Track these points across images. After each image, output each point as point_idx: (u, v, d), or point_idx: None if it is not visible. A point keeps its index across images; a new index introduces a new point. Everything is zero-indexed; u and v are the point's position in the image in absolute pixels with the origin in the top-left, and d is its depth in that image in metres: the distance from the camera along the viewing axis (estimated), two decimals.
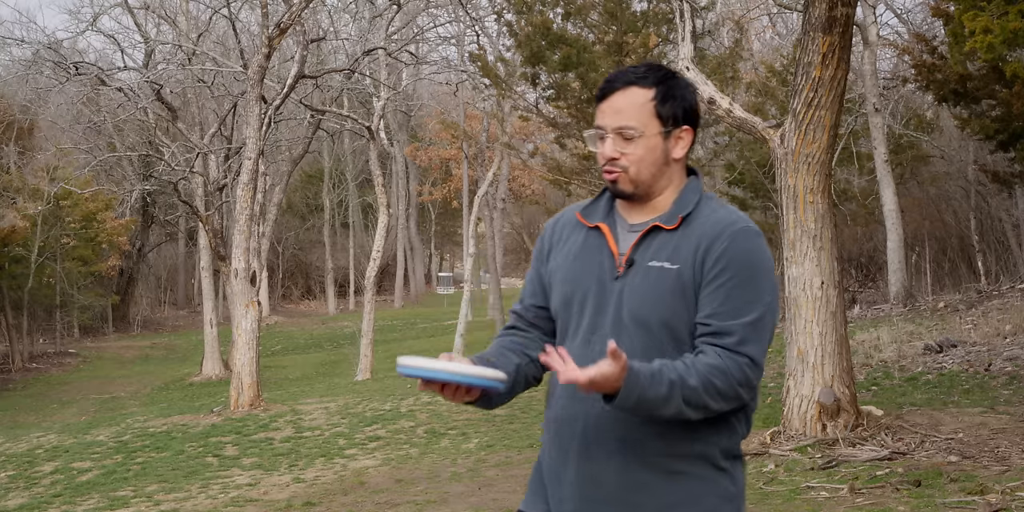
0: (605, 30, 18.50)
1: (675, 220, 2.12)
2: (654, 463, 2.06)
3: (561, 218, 2.30)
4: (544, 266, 2.25)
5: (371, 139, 18.55)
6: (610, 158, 2.12)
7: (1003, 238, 20.17)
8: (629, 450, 2.06)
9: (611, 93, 2.12)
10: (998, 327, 12.26)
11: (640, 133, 2.10)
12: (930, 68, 14.73)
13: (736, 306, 2.05)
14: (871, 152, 19.17)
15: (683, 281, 2.07)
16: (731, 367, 2.01)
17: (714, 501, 2.09)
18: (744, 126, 8.18)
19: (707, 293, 2.06)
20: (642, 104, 2.11)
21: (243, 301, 12.50)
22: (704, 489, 2.08)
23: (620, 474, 2.07)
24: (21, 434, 12.66)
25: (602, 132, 2.13)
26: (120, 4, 20.45)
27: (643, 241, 2.12)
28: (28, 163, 26.92)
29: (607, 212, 2.21)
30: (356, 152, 39.28)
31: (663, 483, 2.07)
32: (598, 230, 2.18)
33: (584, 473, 2.09)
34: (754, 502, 5.87)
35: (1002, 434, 6.89)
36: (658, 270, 2.08)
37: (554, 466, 2.16)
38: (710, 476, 2.09)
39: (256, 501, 7.33)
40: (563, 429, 2.13)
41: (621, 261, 2.12)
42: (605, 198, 2.24)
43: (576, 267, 2.17)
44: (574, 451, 2.11)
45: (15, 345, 25.08)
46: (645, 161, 2.12)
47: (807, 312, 7.33)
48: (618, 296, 2.10)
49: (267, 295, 33.82)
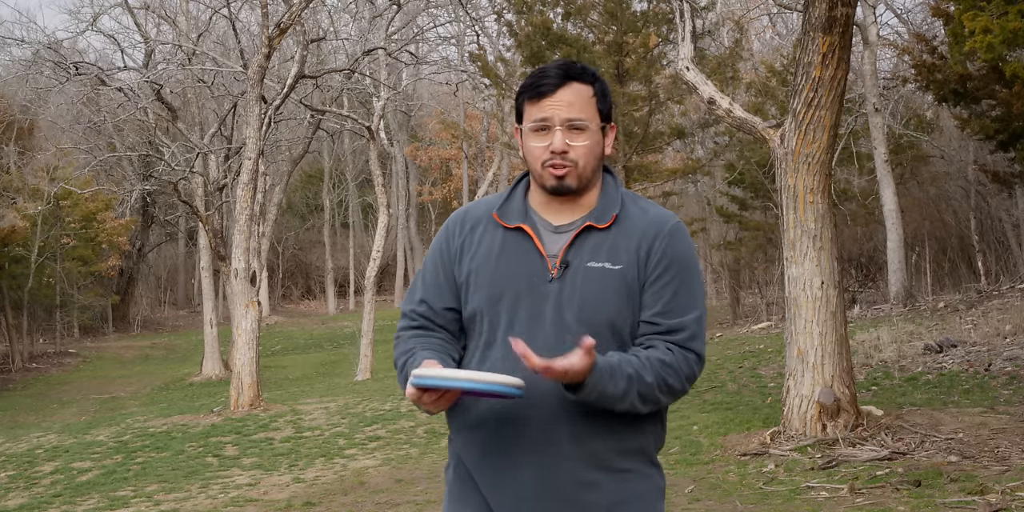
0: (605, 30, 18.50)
1: (608, 218, 2.11)
2: (604, 460, 2.07)
3: (466, 216, 2.22)
4: (456, 266, 2.17)
5: (371, 139, 18.55)
6: (561, 151, 2.08)
7: (1003, 238, 20.17)
8: (582, 448, 2.05)
9: (554, 88, 2.09)
10: (998, 327, 12.26)
11: (588, 126, 2.09)
12: (930, 68, 14.73)
13: (682, 303, 2.08)
14: (871, 152, 19.17)
15: (627, 281, 2.07)
16: (681, 363, 2.05)
17: (653, 496, 2.14)
18: (744, 126, 8.18)
19: (653, 292, 2.08)
20: (587, 99, 2.11)
21: (243, 301, 12.50)
22: (646, 485, 2.12)
23: (573, 473, 2.05)
24: (21, 434, 12.66)
25: (546, 124, 2.09)
26: (120, 4, 20.44)
27: (576, 242, 2.10)
28: (28, 163, 26.92)
29: (524, 212, 2.16)
30: (356, 152, 39.27)
31: (612, 481, 2.07)
32: (520, 231, 2.13)
33: (537, 472, 2.05)
34: (754, 502, 5.87)
35: (1002, 434, 6.88)
36: (600, 271, 2.07)
37: (495, 467, 2.09)
38: (650, 472, 2.14)
39: (256, 501, 7.33)
40: (507, 429, 2.07)
41: (554, 263, 2.08)
42: (518, 197, 2.19)
43: (501, 269, 2.11)
44: (525, 451, 2.05)
45: (15, 345, 25.07)
46: (591, 155, 2.11)
47: (807, 312, 7.33)
48: (556, 298, 2.07)
49: (267, 295, 33.82)
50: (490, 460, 2.10)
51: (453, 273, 2.18)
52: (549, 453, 2.05)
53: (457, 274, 2.17)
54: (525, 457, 2.06)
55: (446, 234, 2.22)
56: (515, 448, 2.07)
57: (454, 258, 2.18)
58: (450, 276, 2.18)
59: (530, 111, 2.12)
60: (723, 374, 11.83)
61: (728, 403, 9.68)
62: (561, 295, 2.07)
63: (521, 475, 2.06)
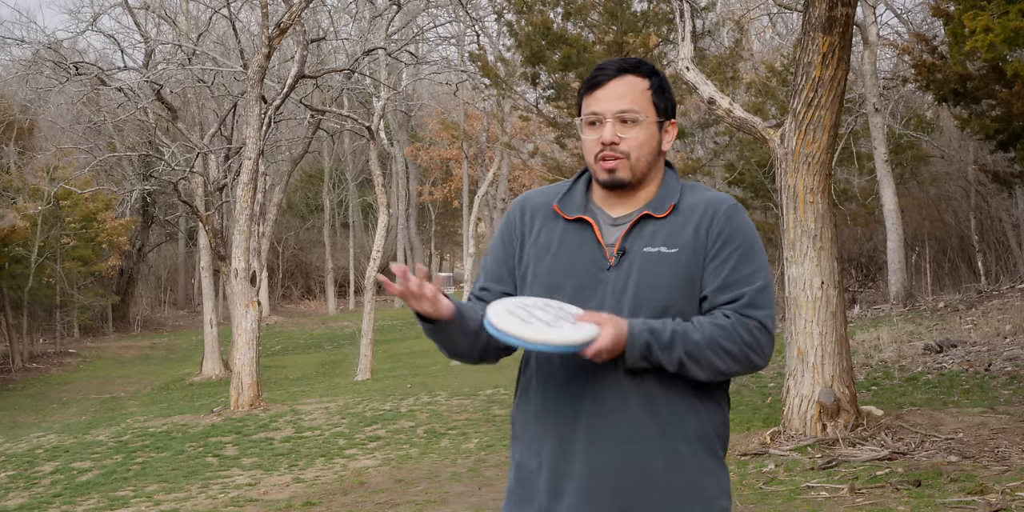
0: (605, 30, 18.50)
1: (666, 208, 2.12)
2: (660, 448, 2.05)
3: (527, 204, 2.23)
4: (517, 253, 2.19)
5: (371, 139, 18.55)
6: (611, 142, 2.08)
7: (1003, 238, 20.16)
8: (637, 437, 2.05)
9: (606, 80, 2.10)
10: (998, 327, 12.26)
11: (642, 118, 2.09)
12: (930, 68, 14.73)
13: (743, 275, 2.07)
14: (871, 152, 19.17)
15: (684, 263, 2.07)
16: (739, 327, 2.03)
17: (713, 493, 2.10)
18: (744, 126, 8.18)
19: (713, 267, 2.08)
20: (641, 91, 2.11)
21: (243, 301, 12.50)
22: (706, 481, 2.09)
23: (628, 462, 2.05)
24: (21, 434, 12.66)
25: (600, 117, 2.09)
26: (120, 4, 20.43)
27: (633, 230, 2.10)
28: (28, 163, 26.93)
29: (585, 205, 2.17)
30: (356, 152, 39.27)
31: (669, 472, 2.05)
32: (580, 222, 2.14)
33: (592, 464, 2.05)
34: (754, 502, 5.87)
35: (1002, 434, 6.88)
36: (656, 255, 2.07)
37: (551, 461, 2.09)
38: (712, 467, 2.10)
39: (256, 501, 7.32)
40: (559, 423, 2.08)
41: (612, 252, 2.09)
42: (580, 190, 2.20)
43: (561, 260, 2.12)
44: (580, 443, 2.06)
45: (15, 345, 25.07)
46: (645, 147, 2.11)
47: (807, 312, 7.33)
48: (613, 286, 2.08)
49: (267, 295, 33.82)
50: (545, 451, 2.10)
51: (514, 259, 2.20)
52: (607, 443, 2.05)
53: (517, 262, 2.19)
54: (582, 447, 2.06)
55: (507, 222, 2.24)
56: (573, 438, 2.07)
57: (516, 245, 2.20)
58: (511, 263, 2.20)
59: (585, 104, 2.13)
60: None
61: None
62: (618, 282, 2.08)
63: (577, 467, 2.06)
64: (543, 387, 2.12)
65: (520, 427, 2.18)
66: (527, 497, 2.14)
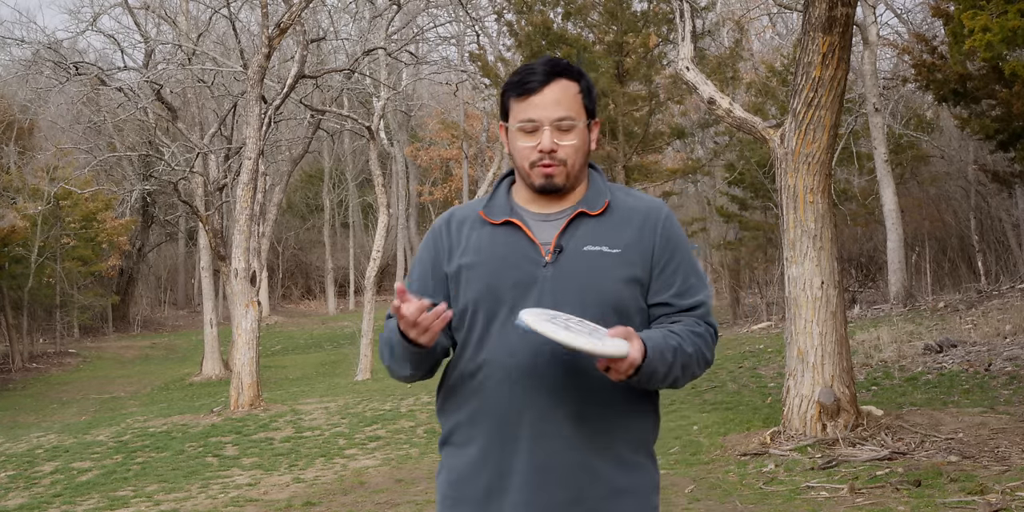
0: (605, 30, 18.51)
1: (600, 205, 2.13)
2: (603, 448, 2.07)
3: (453, 217, 2.22)
4: (445, 264, 2.17)
5: (371, 139, 18.55)
6: (550, 151, 2.07)
7: (1003, 238, 20.16)
8: (581, 435, 2.06)
9: (540, 86, 2.08)
10: (998, 327, 12.26)
11: (578, 124, 2.10)
12: (930, 68, 14.73)
13: (692, 285, 2.14)
14: (871, 152, 19.17)
15: (628, 264, 2.08)
16: (708, 336, 2.11)
17: (648, 489, 2.14)
18: (744, 126, 8.18)
19: (666, 275, 2.12)
20: (574, 95, 2.11)
21: (243, 301, 12.50)
22: (643, 478, 2.13)
23: (572, 462, 2.05)
24: (21, 434, 12.66)
25: (537, 124, 2.08)
26: (120, 4, 20.43)
27: (568, 228, 2.11)
28: (28, 163, 26.93)
29: (510, 208, 2.17)
30: (356, 152, 39.27)
31: (612, 469, 2.08)
32: (508, 225, 2.14)
33: (536, 462, 2.05)
34: (754, 502, 5.87)
35: (1002, 434, 6.88)
36: (598, 254, 2.08)
37: (493, 460, 2.08)
38: (646, 465, 2.15)
39: (256, 501, 7.32)
40: (504, 422, 2.07)
41: (548, 249, 2.09)
42: (501, 195, 2.20)
43: (494, 260, 2.11)
44: (524, 441, 2.05)
45: (15, 345, 25.07)
46: (580, 153, 2.11)
47: (807, 312, 7.33)
48: (552, 283, 2.07)
49: (267, 295, 33.81)
50: (489, 450, 2.09)
51: (443, 271, 2.18)
52: (551, 441, 2.05)
53: (448, 271, 2.17)
54: (526, 445, 2.06)
55: (433, 236, 2.23)
56: (517, 437, 2.06)
57: (443, 257, 2.18)
58: (440, 274, 2.18)
59: (517, 109, 2.11)
60: (723, 374, 11.83)
61: (728, 403, 9.68)
62: (558, 280, 2.07)
63: (520, 463, 2.06)
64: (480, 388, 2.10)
65: (450, 431, 2.18)
66: (462, 499, 2.14)
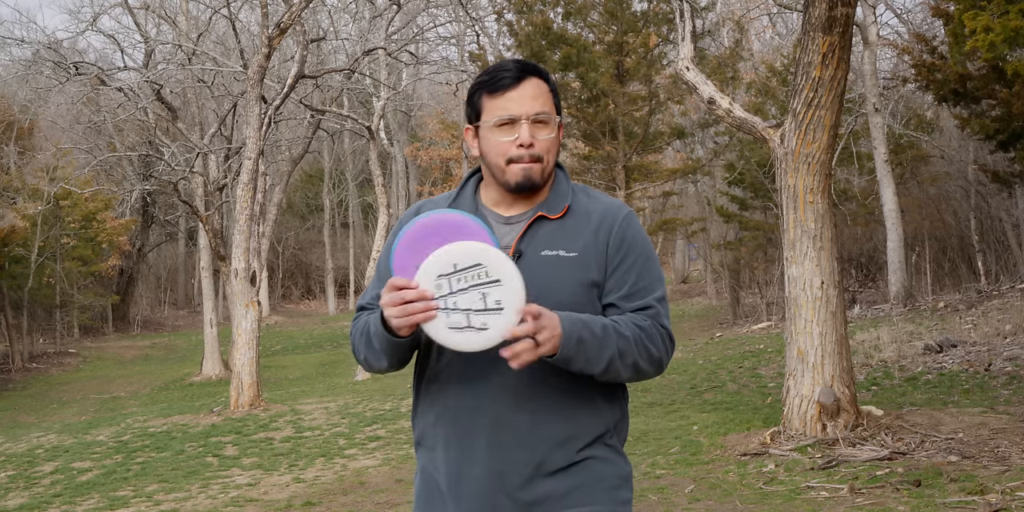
0: (605, 30, 18.51)
1: (560, 209, 2.12)
2: (563, 445, 2.06)
3: (419, 212, 2.20)
4: None
5: (371, 139, 18.55)
6: (529, 144, 2.07)
7: (1003, 238, 20.16)
8: (538, 435, 2.05)
9: (515, 82, 2.08)
10: (998, 327, 12.26)
11: (552, 120, 2.11)
12: (930, 68, 14.74)
13: (646, 285, 2.11)
14: (871, 152, 19.17)
15: (584, 268, 2.07)
16: (655, 333, 2.06)
17: (615, 480, 2.12)
18: (744, 126, 8.18)
19: (617, 276, 2.09)
20: (546, 93, 2.12)
21: (243, 301, 12.50)
22: (607, 469, 2.11)
23: (528, 465, 2.05)
24: (21, 434, 12.66)
25: (516, 118, 2.07)
26: (120, 4, 20.43)
27: (528, 232, 2.10)
28: (28, 163, 26.92)
29: (475, 207, 2.17)
30: (356, 152, 39.27)
31: (570, 467, 2.07)
32: None
33: (494, 465, 2.05)
34: (754, 502, 5.87)
35: (1002, 434, 6.89)
36: (555, 259, 2.07)
37: (453, 464, 2.09)
38: (611, 457, 2.13)
39: (256, 501, 7.32)
40: (463, 423, 2.07)
41: (507, 253, 2.07)
42: (468, 194, 2.20)
43: None
44: (482, 443, 2.06)
45: (15, 345, 25.07)
46: (553, 149, 2.12)
47: (807, 312, 7.33)
48: None
49: (267, 295, 33.81)
50: (451, 452, 2.10)
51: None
52: (507, 443, 2.05)
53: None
54: (484, 447, 2.06)
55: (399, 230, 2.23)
56: (474, 439, 2.06)
57: None
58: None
59: (491, 106, 2.10)
60: (723, 374, 11.83)
61: (728, 403, 9.69)
62: None
63: (477, 469, 2.06)
64: (443, 391, 2.11)
65: (420, 431, 2.19)
66: (431, 501, 2.15)
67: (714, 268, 23.71)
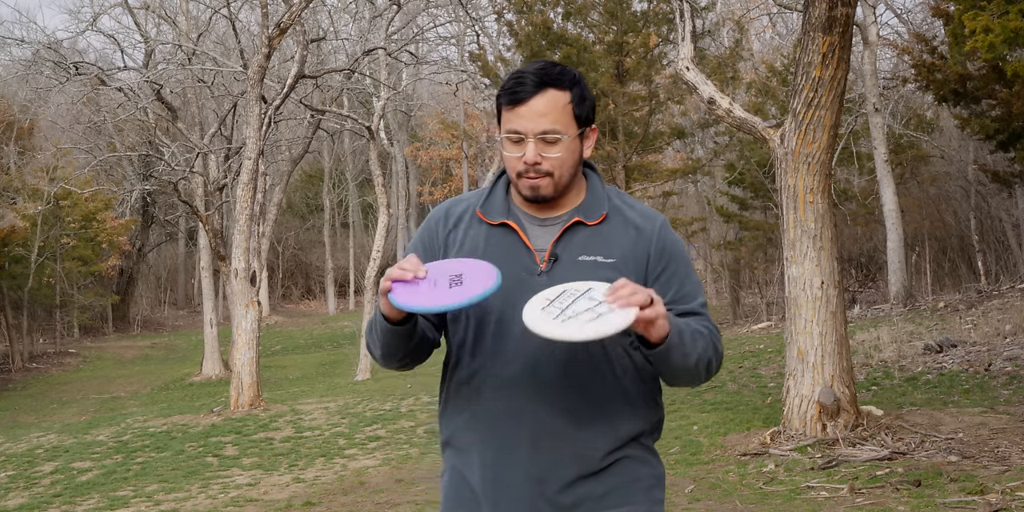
0: (605, 30, 18.50)
1: (597, 215, 2.11)
2: (603, 450, 2.06)
3: (450, 212, 2.20)
4: (440, 259, 2.13)
5: (371, 139, 18.55)
6: (534, 163, 2.04)
7: (1003, 238, 20.16)
8: (580, 441, 2.04)
9: (528, 97, 2.03)
10: (998, 327, 12.26)
11: (564, 137, 2.05)
12: (930, 68, 14.74)
13: (689, 292, 2.12)
14: (871, 152, 19.17)
15: (623, 274, 2.04)
16: (711, 333, 2.07)
17: (651, 480, 2.13)
18: (744, 126, 8.18)
19: (661, 283, 2.10)
20: (563, 107, 2.05)
21: (243, 301, 12.50)
22: (643, 469, 2.12)
23: (570, 469, 2.05)
24: (21, 434, 12.66)
25: (522, 136, 2.04)
26: (120, 4, 20.42)
27: (564, 236, 2.09)
28: (28, 163, 26.92)
29: (507, 209, 2.15)
30: (356, 152, 39.26)
31: (608, 468, 2.07)
32: (504, 227, 2.12)
33: (536, 471, 2.04)
34: (754, 502, 5.87)
35: (1002, 434, 6.89)
36: (592, 264, 2.06)
37: (490, 466, 2.07)
38: (646, 456, 2.13)
39: (256, 501, 7.32)
40: (501, 426, 2.06)
41: (543, 256, 2.07)
42: (500, 194, 2.17)
43: (489, 259, 2.06)
44: (521, 447, 2.04)
45: (15, 345, 25.07)
46: (567, 164, 2.08)
47: (807, 312, 7.33)
48: None
49: (267, 295, 33.81)
50: (487, 456, 2.08)
51: None
52: (547, 448, 2.04)
53: None
54: (525, 453, 2.04)
55: (428, 229, 2.20)
56: (515, 444, 2.05)
57: (438, 253, 2.16)
58: None
59: (506, 118, 2.07)
60: (723, 374, 11.83)
61: (728, 403, 9.68)
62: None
63: (517, 473, 2.05)
64: (476, 393, 2.09)
65: (451, 432, 2.16)
66: (460, 501, 2.14)
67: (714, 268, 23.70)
